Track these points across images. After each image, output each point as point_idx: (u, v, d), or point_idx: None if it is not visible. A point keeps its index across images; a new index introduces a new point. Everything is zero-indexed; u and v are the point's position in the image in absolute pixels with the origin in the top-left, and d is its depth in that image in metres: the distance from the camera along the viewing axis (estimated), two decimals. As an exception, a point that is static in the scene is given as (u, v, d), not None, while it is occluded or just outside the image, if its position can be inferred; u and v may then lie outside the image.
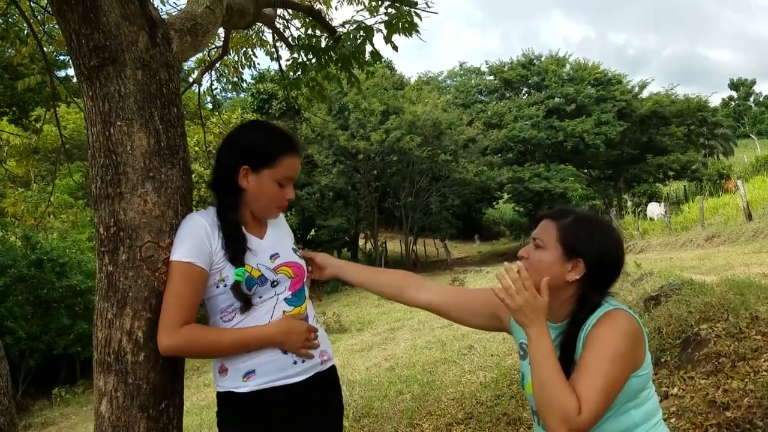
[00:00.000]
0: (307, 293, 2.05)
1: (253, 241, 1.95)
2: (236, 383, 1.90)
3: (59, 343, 16.18)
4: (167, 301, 1.85)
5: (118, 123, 1.91)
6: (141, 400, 1.88)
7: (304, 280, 2.05)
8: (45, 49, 4.90)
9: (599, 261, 1.66)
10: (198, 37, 2.32)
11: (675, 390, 3.72)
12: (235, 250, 1.89)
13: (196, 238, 1.86)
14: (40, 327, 16.05)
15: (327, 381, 2.04)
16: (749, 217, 16.22)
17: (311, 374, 1.97)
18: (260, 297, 1.92)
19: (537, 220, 1.79)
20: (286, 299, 1.96)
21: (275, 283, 1.94)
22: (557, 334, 1.68)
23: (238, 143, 1.96)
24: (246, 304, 1.89)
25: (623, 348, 1.55)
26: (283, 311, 1.94)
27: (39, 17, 5.23)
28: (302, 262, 2.07)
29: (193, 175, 2.16)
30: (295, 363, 1.93)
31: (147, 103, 1.95)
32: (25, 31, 5.17)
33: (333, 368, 2.10)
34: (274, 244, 2.01)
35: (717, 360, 3.82)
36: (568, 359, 1.61)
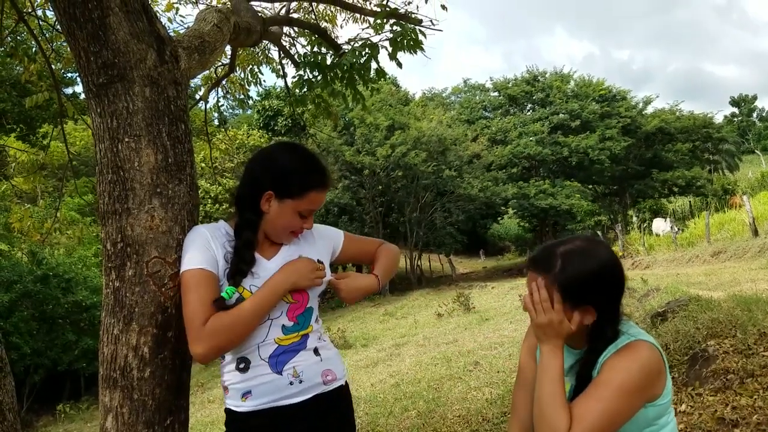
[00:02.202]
0: (314, 317, 2.00)
1: (258, 261, 1.92)
2: (236, 402, 1.89)
3: (64, 358, 16.17)
4: (187, 312, 1.80)
5: (126, 139, 1.92)
6: (146, 416, 1.88)
7: (308, 305, 1.98)
8: (53, 66, 4.94)
9: (608, 298, 1.62)
10: (205, 55, 2.34)
11: (683, 407, 3.69)
12: (237, 269, 1.86)
13: (201, 245, 1.86)
14: (45, 343, 16.04)
15: (333, 403, 1.98)
16: (755, 232, 16.15)
17: (310, 395, 1.91)
18: None
19: (526, 267, 1.73)
20: (283, 326, 1.91)
21: None
22: (576, 360, 1.67)
23: (272, 167, 1.92)
24: None
25: (636, 381, 1.51)
26: (275, 338, 1.90)
27: (47, 35, 5.30)
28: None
29: (199, 191, 2.16)
30: (291, 384, 1.88)
31: (155, 119, 1.97)
32: (34, 49, 5.23)
33: (341, 389, 2.03)
34: (279, 266, 1.95)
35: (725, 376, 3.79)
36: (583, 389, 1.58)
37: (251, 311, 1.82)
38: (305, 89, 4.59)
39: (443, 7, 4.76)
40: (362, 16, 5.65)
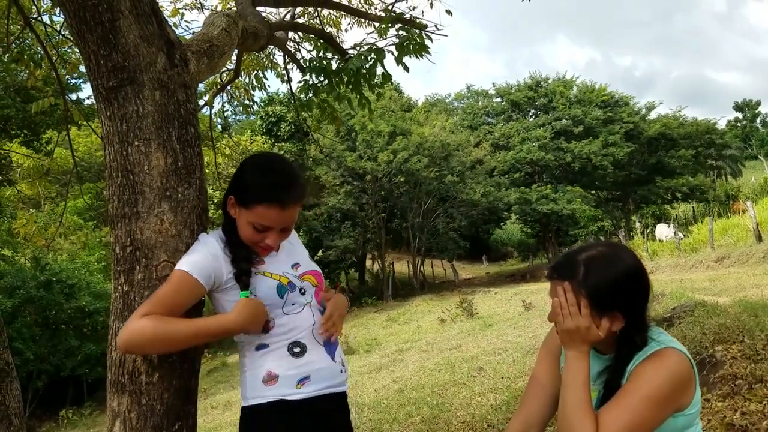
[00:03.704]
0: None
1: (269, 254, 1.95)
2: (289, 390, 1.83)
3: (67, 364, 16.17)
4: (146, 300, 1.80)
5: (136, 143, 1.92)
6: (155, 421, 1.87)
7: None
8: (59, 71, 4.95)
9: (635, 304, 1.59)
10: (214, 59, 2.34)
11: (693, 413, 3.67)
12: (240, 270, 1.86)
13: (204, 254, 1.84)
14: (48, 348, 16.06)
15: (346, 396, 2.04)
16: (759, 238, 16.10)
17: (347, 386, 1.97)
18: (293, 304, 1.89)
19: (547, 276, 1.69)
20: (319, 310, 1.95)
21: (303, 290, 1.93)
22: (604, 367, 1.65)
23: (240, 172, 1.91)
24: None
25: (664, 391, 1.49)
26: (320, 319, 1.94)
27: (53, 40, 5.32)
28: (320, 270, 2.07)
29: (207, 195, 2.16)
30: (341, 371, 1.93)
31: (164, 123, 1.96)
32: (39, 54, 5.24)
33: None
34: (290, 255, 2.00)
35: (733, 382, 3.77)
36: (611, 398, 1.56)
37: (187, 336, 1.79)
38: (311, 94, 4.59)
39: (448, 12, 4.77)
40: (367, 21, 5.66)
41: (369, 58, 3.95)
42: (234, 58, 5.10)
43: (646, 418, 1.47)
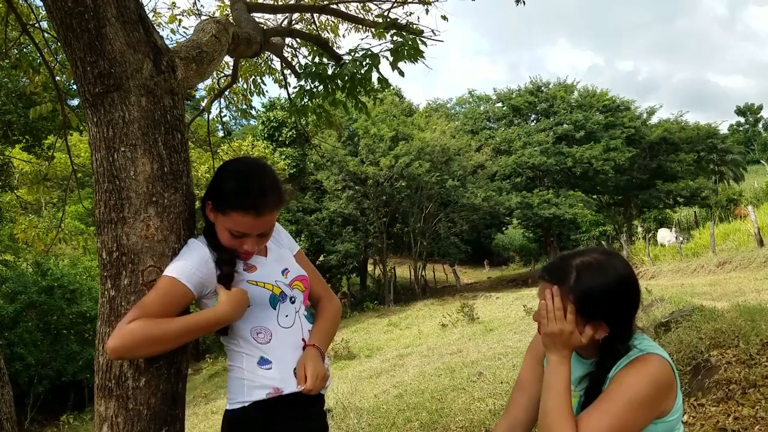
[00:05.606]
0: None
1: (259, 260, 1.97)
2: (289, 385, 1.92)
3: (68, 369, 16.19)
4: (133, 306, 1.80)
5: (122, 149, 1.92)
6: (141, 425, 1.87)
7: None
8: (57, 77, 4.98)
9: (622, 314, 1.60)
10: (203, 65, 2.35)
11: (685, 417, 3.66)
12: (220, 274, 1.87)
13: (193, 260, 1.85)
14: (49, 353, 16.09)
15: None
16: (761, 242, 16.09)
17: None
18: (286, 316, 1.93)
19: (539, 276, 1.70)
20: (305, 316, 1.99)
21: (293, 299, 1.96)
22: (586, 373, 1.65)
23: (217, 177, 1.92)
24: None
25: (645, 396, 1.49)
26: (308, 330, 1.97)
27: (52, 47, 5.35)
28: (306, 273, 2.08)
29: (196, 200, 2.16)
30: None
31: (151, 129, 1.96)
32: (38, 61, 5.27)
33: None
34: (279, 260, 2.03)
35: (727, 387, 3.77)
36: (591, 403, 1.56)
37: (178, 332, 1.80)
38: (306, 99, 4.60)
39: (444, 17, 4.80)
40: (364, 27, 5.68)
41: (364, 63, 3.96)
42: (231, 63, 5.12)
43: (627, 424, 1.47)
